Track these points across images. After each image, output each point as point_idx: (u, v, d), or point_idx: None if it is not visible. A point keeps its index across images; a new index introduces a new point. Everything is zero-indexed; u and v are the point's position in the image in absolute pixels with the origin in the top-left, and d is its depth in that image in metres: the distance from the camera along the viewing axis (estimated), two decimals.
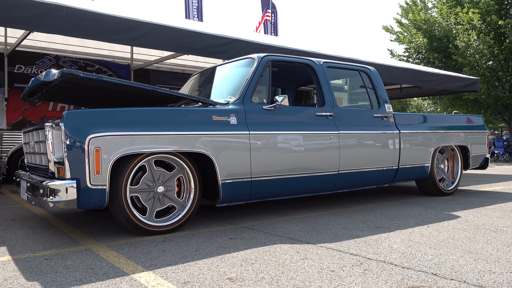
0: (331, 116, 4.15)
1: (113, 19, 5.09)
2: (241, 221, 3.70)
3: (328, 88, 4.24)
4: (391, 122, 4.68)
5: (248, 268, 2.33)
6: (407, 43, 17.99)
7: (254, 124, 3.60)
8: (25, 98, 4.00)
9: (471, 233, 3.15)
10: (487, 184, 6.68)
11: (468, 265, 2.36)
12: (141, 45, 5.45)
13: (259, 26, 14.37)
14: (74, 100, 4.26)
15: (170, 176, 3.25)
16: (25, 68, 8.35)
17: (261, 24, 14.41)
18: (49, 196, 2.78)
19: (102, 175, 2.86)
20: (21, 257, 2.60)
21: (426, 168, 4.95)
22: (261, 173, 3.59)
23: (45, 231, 3.34)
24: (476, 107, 17.01)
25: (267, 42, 6.67)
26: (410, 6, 18.42)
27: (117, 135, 2.92)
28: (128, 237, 3.09)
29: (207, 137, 3.29)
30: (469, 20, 15.24)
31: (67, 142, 2.80)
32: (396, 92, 11.57)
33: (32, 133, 3.60)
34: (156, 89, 3.28)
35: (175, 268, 2.35)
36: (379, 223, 3.55)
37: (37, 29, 4.74)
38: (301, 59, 4.22)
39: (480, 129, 5.71)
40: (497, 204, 4.60)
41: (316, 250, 2.70)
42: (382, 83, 4.84)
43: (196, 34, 5.73)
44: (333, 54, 7.52)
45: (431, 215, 3.90)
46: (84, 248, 2.79)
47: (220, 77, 4.39)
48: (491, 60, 15.12)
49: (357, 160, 4.27)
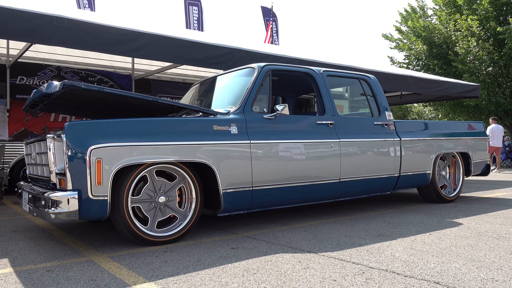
0: (332, 124, 4.16)
1: (114, 30, 5.13)
2: (243, 230, 3.69)
3: (329, 97, 4.25)
4: (392, 129, 4.69)
5: (250, 278, 2.33)
6: (407, 50, 18.06)
7: (255, 133, 3.61)
8: (27, 110, 4.03)
9: (473, 241, 3.14)
10: (489, 191, 6.66)
11: (471, 273, 2.35)
12: (141, 57, 5.48)
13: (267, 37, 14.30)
14: (76, 111, 4.28)
15: (171, 186, 3.25)
16: (27, 79, 8.40)
17: (268, 33, 14.38)
18: (51, 207, 2.78)
19: (104, 186, 2.87)
20: (22, 269, 2.60)
21: (427, 175, 4.95)
22: (262, 182, 3.59)
23: (47, 242, 3.34)
24: (477, 113, 17.02)
25: (267, 51, 6.70)
26: (409, 13, 18.52)
27: (118, 146, 2.93)
28: (130, 248, 3.08)
29: (208, 147, 3.30)
30: (468, 26, 15.30)
31: (68, 153, 2.82)
32: (396, 98, 11.58)
33: (34, 144, 3.62)
34: (157, 99, 3.30)
35: (176, 279, 2.34)
36: (381, 231, 3.54)
37: (39, 41, 4.78)
38: (301, 68, 4.25)
39: (481, 135, 5.72)
40: (499, 210, 4.59)
41: (318, 259, 2.69)
42: (382, 90, 4.86)
43: (195, 44, 5.76)
44: (333, 63, 7.54)
45: (433, 223, 3.89)
46: (86, 259, 2.78)
47: (220, 87, 4.41)
48: (490, 66, 15.15)
49: (358, 168, 4.27)
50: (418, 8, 18.70)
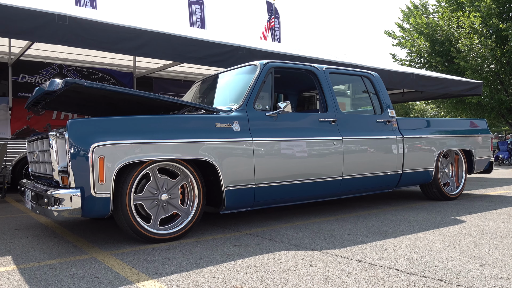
0: (334, 121, 4.15)
1: (116, 28, 5.11)
2: (245, 227, 3.69)
3: (331, 94, 4.24)
4: (395, 127, 4.68)
5: (253, 276, 2.33)
6: (409, 47, 18.00)
7: (257, 130, 3.60)
8: (29, 108, 4.03)
9: (476, 238, 3.14)
10: (492, 188, 6.64)
11: (474, 271, 2.34)
12: (142, 55, 5.47)
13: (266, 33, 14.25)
14: (78, 108, 4.28)
15: (174, 183, 3.25)
16: (29, 77, 8.40)
17: (268, 31, 14.31)
18: (54, 205, 2.78)
19: (106, 183, 2.87)
20: (26, 266, 2.60)
21: (430, 173, 4.94)
22: (264, 179, 3.59)
23: (50, 240, 3.35)
24: (480, 111, 16.97)
25: (269, 49, 6.68)
26: (411, 10, 18.46)
27: (121, 143, 2.93)
28: (133, 245, 3.09)
29: (210, 144, 3.30)
30: (471, 23, 15.24)
31: (71, 151, 2.81)
32: (398, 96, 11.56)
33: (36, 142, 3.62)
34: (159, 97, 3.29)
35: (179, 276, 2.34)
36: (384, 229, 3.53)
37: (41, 40, 4.77)
38: (304, 66, 4.23)
39: (484, 133, 5.70)
40: (502, 208, 4.57)
41: (321, 257, 2.69)
42: (385, 88, 4.84)
43: (197, 42, 5.74)
44: (335, 60, 7.52)
45: (436, 220, 3.88)
46: (89, 257, 2.79)
47: (222, 84, 4.41)
48: (493, 63, 15.10)
49: (360, 165, 4.26)
50: (420, 5, 18.64)
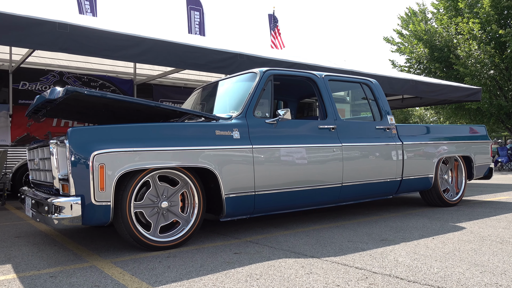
0: (334, 128, 4.17)
1: (116, 35, 5.15)
2: (246, 235, 3.69)
3: (330, 101, 4.26)
4: (394, 133, 4.69)
5: (253, 284, 2.33)
6: (408, 53, 18.08)
7: (257, 138, 3.61)
8: (30, 115, 4.04)
9: (476, 245, 3.14)
10: (492, 194, 6.64)
11: (474, 278, 2.34)
12: (143, 62, 5.50)
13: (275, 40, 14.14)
14: (78, 116, 4.29)
15: (174, 191, 3.25)
16: (30, 85, 8.43)
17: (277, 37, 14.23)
18: (54, 213, 2.79)
19: (107, 191, 2.88)
20: (26, 274, 2.60)
21: (430, 179, 4.94)
22: (264, 187, 3.60)
23: (50, 248, 3.34)
24: (479, 116, 17.00)
25: (268, 56, 6.71)
26: (410, 17, 18.56)
27: (121, 151, 2.94)
28: (133, 253, 3.08)
29: (210, 152, 3.31)
30: (470, 30, 15.32)
31: (71, 159, 2.82)
32: (397, 102, 11.59)
33: (36, 150, 3.63)
34: (159, 105, 3.31)
35: (180, 285, 2.34)
36: (384, 236, 3.53)
37: (42, 48, 4.79)
38: (303, 73, 4.26)
39: (483, 139, 5.71)
40: (502, 214, 4.57)
41: (321, 264, 2.68)
42: (384, 94, 4.86)
43: (197, 49, 5.78)
44: (335, 67, 7.56)
45: (436, 227, 3.88)
46: (89, 265, 2.79)
47: (222, 92, 4.43)
48: (492, 69, 15.15)
49: (360, 172, 4.27)
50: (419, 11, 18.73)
